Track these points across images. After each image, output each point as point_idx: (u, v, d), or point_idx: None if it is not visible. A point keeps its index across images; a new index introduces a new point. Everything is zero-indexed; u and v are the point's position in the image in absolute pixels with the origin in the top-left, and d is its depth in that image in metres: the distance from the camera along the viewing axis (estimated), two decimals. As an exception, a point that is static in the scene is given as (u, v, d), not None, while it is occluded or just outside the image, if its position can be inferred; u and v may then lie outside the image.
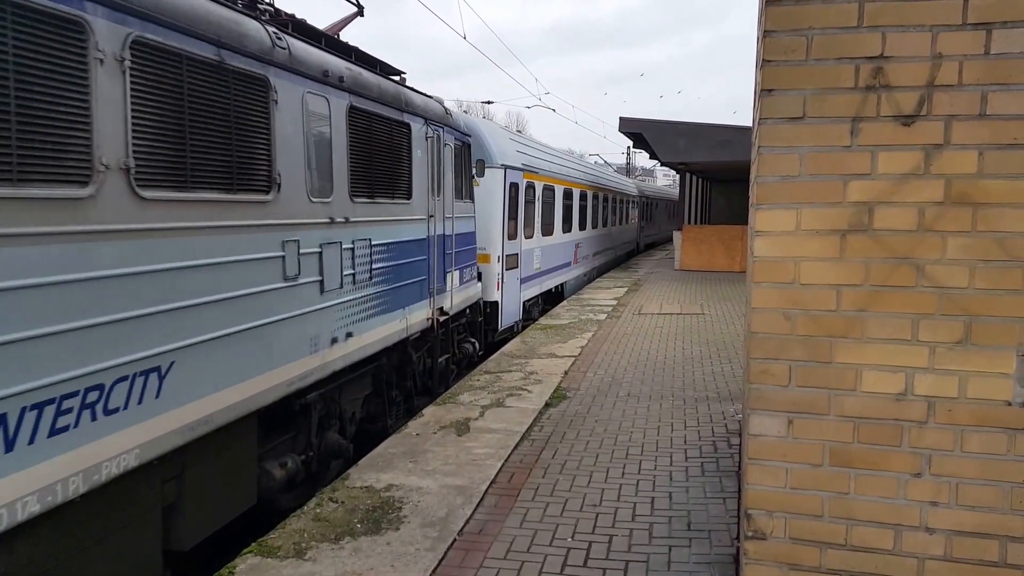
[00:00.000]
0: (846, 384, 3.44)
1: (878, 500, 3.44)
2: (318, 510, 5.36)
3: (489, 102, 31.87)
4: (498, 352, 11.12)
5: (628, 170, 67.56)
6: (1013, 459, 3.29)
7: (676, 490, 5.70)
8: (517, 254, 13.69)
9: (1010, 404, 3.27)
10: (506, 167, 12.93)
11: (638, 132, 22.76)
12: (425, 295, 8.52)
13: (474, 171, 11.06)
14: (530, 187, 14.63)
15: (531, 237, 14.73)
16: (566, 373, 9.61)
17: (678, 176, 28.52)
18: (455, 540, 4.90)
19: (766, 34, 3.42)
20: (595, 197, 22.13)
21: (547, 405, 8.07)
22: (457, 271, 9.86)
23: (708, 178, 33.17)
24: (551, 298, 17.38)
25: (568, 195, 18.34)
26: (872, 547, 3.46)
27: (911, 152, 3.30)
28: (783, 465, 3.55)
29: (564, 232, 18.01)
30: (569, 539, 4.92)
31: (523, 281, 14.21)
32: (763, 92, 3.45)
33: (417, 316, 8.30)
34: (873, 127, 3.33)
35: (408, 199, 7.88)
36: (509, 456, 6.46)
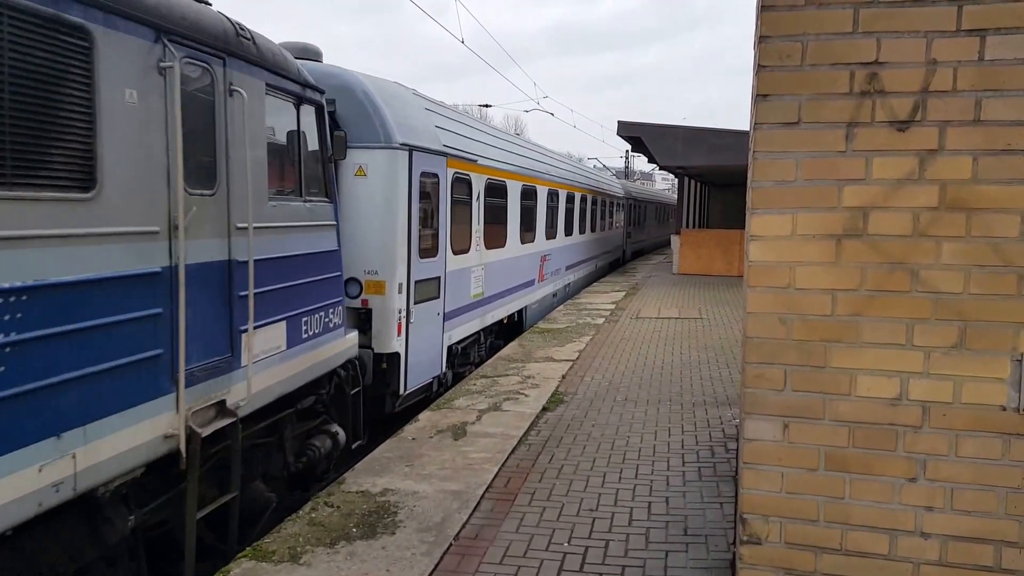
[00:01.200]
0: (841, 388, 3.44)
1: (873, 504, 3.45)
2: (313, 514, 5.36)
3: (487, 105, 31.95)
4: (495, 356, 11.11)
5: (627, 173, 67.59)
6: (1008, 464, 3.29)
7: (673, 495, 5.70)
8: (438, 278, 9.22)
9: (1004, 409, 3.28)
10: (413, 149, 8.37)
11: (637, 136, 22.77)
12: (164, 387, 4.45)
13: (330, 151, 6.75)
14: (462, 181, 10.18)
15: (464, 251, 10.32)
16: (563, 377, 9.61)
17: (676, 180, 28.49)
18: (451, 545, 4.90)
19: (762, 39, 3.43)
20: (570, 198, 18.15)
21: (544, 409, 8.07)
22: (280, 323, 5.66)
23: (707, 182, 33.19)
24: (505, 330, 13.18)
25: (530, 194, 13.98)
26: (867, 551, 3.46)
27: (905, 157, 3.31)
28: (778, 469, 3.55)
29: (525, 243, 13.71)
30: (565, 544, 4.92)
31: (449, 316, 9.68)
32: (759, 97, 3.46)
33: (118, 442, 4.14)
34: (868, 132, 3.34)
35: (83, 191, 3.91)
36: (506, 460, 6.45)
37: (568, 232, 18.16)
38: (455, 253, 9.91)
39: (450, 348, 9.88)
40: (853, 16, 3.32)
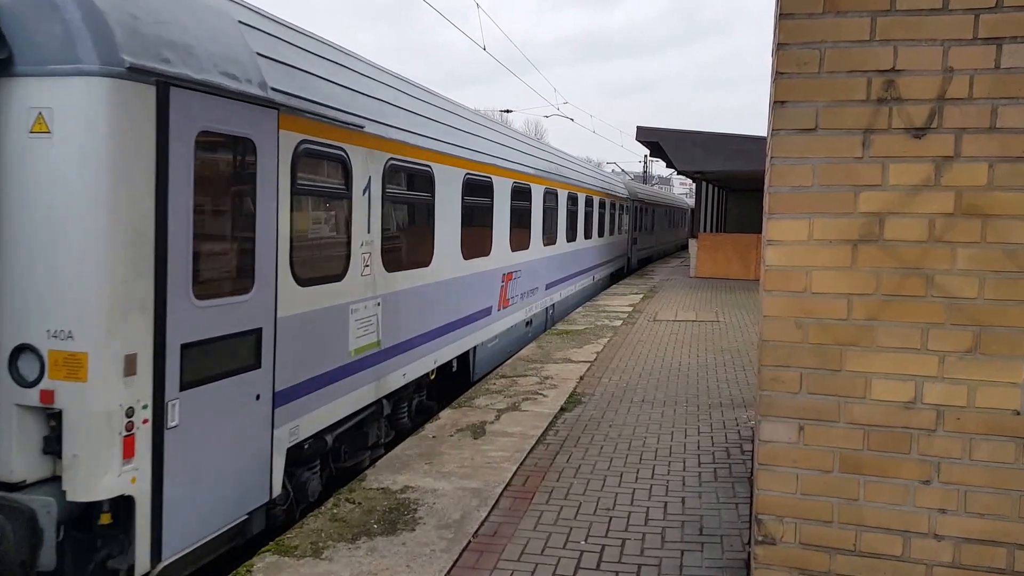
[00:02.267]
0: (856, 392, 3.49)
1: (887, 507, 3.49)
2: (335, 510, 5.46)
3: (508, 111, 32.05)
4: (513, 357, 11.19)
5: (645, 178, 67.45)
6: (1021, 468, 3.33)
7: (689, 495, 5.75)
8: (257, 331, 5.04)
9: (1019, 413, 3.31)
10: (173, 82, 4.29)
11: (655, 141, 22.80)
12: None
13: None
14: (326, 157, 5.99)
15: (335, 278, 6.10)
16: (581, 378, 9.67)
17: (694, 184, 28.48)
18: (470, 542, 4.98)
19: (780, 47, 3.49)
20: (551, 195, 13.93)
21: (562, 410, 8.14)
22: None
23: (724, 187, 33.17)
24: (443, 382, 9.12)
25: (481, 188, 9.82)
26: (881, 553, 3.50)
27: (922, 164, 3.36)
28: (794, 471, 3.60)
29: (472, 257, 9.50)
30: (582, 542, 4.98)
31: (294, 394, 5.54)
32: (776, 104, 3.52)
33: None
34: (884, 139, 3.39)
35: None
36: (524, 459, 6.53)
37: (550, 240, 14.03)
38: (307, 283, 5.66)
39: (298, 449, 5.70)
40: (870, 24, 3.37)
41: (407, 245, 7.66)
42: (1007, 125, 3.25)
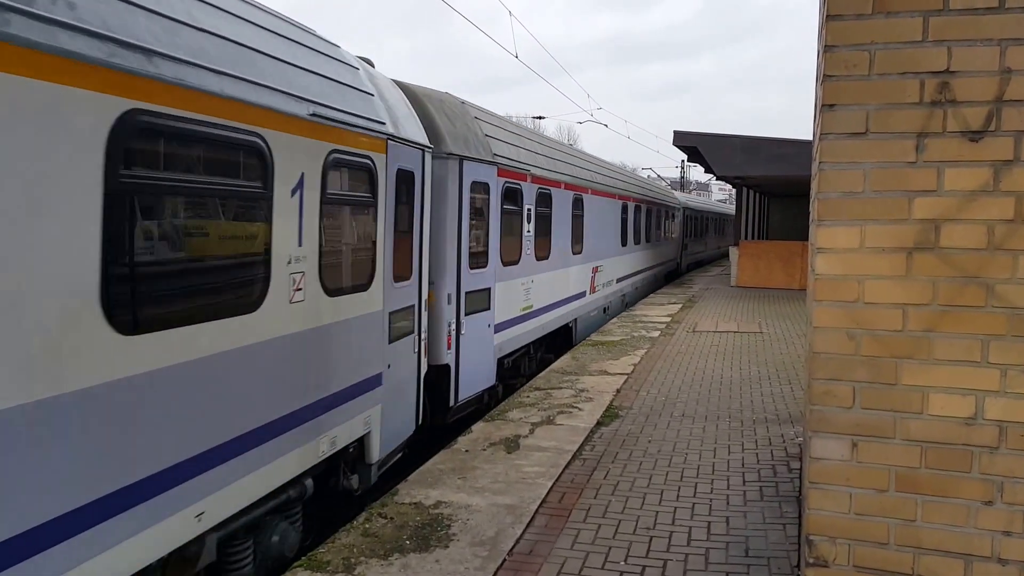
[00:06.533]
0: (912, 407, 3.32)
1: (947, 528, 3.31)
2: (367, 525, 5.39)
3: (540, 117, 32.02)
4: (548, 369, 11.07)
5: (683, 184, 66.76)
6: (1093, 490, 3.13)
7: (733, 515, 5.57)
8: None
9: (1090, 431, 3.12)
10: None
11: (693, 146, 22.54)
12: None
13: None
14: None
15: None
16: (618, 391, 9.50)
17: (734, 190, 28.07)
18: (505, 560, 4.86)
19: (827, 49, 3.36)
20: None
21: (599, 424, 7.99)
22: None
23: (765, 192, 32.66)
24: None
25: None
26: (940, 579, 3.32)
27: (979, 168, 3.20)
28: (846, 490, 3.44)
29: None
30: (622, 563, 4.84)
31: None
32: (824, 107, 3.38)
33: None
34: (939, 143, 3.24)
35: None
36: (560, 475, 6.40)
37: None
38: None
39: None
40: (923, 24, 3.23)
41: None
42: (1073, 125, 3.07)
